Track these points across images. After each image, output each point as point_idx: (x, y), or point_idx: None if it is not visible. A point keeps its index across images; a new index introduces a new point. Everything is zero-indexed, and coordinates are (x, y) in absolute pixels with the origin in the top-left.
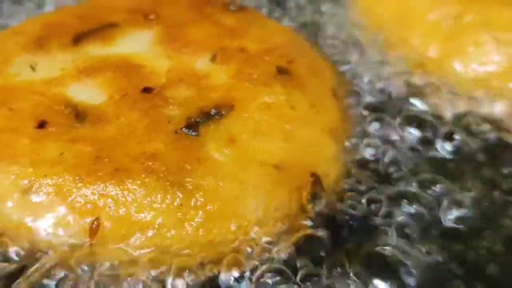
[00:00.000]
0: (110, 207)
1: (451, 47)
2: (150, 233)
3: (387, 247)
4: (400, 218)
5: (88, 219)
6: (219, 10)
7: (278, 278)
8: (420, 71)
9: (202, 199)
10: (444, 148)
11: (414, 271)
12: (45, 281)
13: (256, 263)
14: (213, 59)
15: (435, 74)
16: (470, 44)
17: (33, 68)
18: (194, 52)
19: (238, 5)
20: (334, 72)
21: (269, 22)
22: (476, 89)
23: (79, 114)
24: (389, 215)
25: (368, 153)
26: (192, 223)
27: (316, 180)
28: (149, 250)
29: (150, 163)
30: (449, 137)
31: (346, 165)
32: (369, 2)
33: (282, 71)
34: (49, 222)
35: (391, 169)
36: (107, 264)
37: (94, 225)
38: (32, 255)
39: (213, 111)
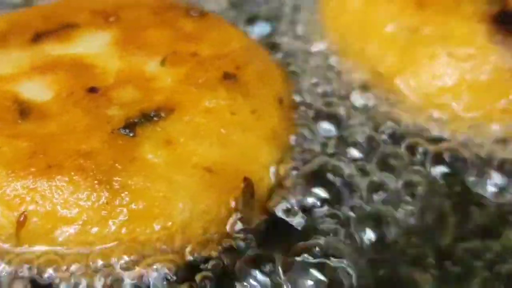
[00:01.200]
0: (38, 202)
1: (406, 59)
2: (74, 229)
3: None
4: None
5: (16, 213)
6: (180, 16)
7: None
8: (374, 82)
9: (128, 198)
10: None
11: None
12: None
13: (181, 264)
14: (163, 62)
15: (388, 85)
16: (424, 57)
17: None
18: (146, 55)
19: (199, 11)
20: (286, 80)
21: (228, 28)
22: (427, 101)
23: (24, 110)
24: (322, 222)
25: (307, 162)
26: (116, 221)
27: (248, 185)
28: (73, 246)
29: (82, 161)
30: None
31: (283, 172)
32: (333, 12)
33: (228, 77)
34: None
35: (330, 178)
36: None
37: (21, 219)
38: None
39: (153, 113)
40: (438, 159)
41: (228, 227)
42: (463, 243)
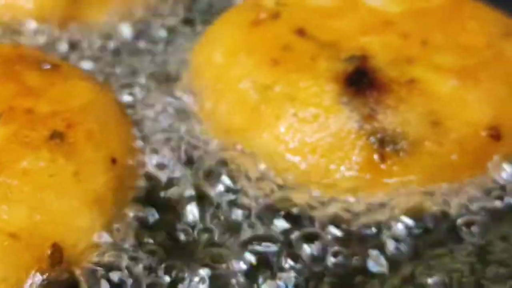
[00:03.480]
0: None
1: (253, 119)
2: None
3: None
4: None
5: None
6: (29, 68)
7: None
8: (225, 139)
9: None
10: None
11: None
12: None
13: None
14: None
15: (238, 143)
16: (271, 117)
17: None
18: None
19: (52, 63)
20: (127, 138)
21: (77, 83)
22: (271, 164)
23: None
24: None
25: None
26: None
27: (55, 251)
28: None
29: None
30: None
31: (103, 237)
32: (198, 66)
33: (56, 136)
34: None
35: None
36: None
37: None
38: None
39: None
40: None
41: None
42: None
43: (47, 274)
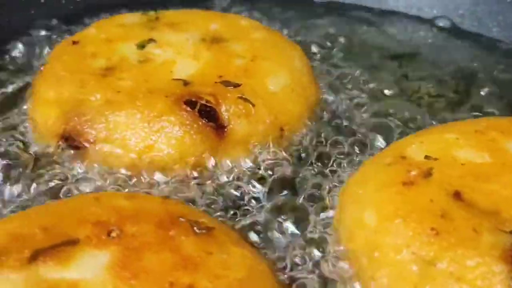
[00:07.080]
0: None
1: None
2: None
3: None
4: None
5: None
6: (183, 233)
7: None
8: None
9: None
10: None
11: None
12: None
13: None
14: None
15: None
16: None
17: None
18: (141, 286)
19: (204, 227)
20: None
21: (234, 250)
22: None
23: None
24: None
25: None
26: None
27: None
28: None
29: None
30: None
31: None
32: (348, 227)
33: None
34: None
35: None
36: None
37: None
38: None
39: None
40: None
41: None
42: None
43: None
